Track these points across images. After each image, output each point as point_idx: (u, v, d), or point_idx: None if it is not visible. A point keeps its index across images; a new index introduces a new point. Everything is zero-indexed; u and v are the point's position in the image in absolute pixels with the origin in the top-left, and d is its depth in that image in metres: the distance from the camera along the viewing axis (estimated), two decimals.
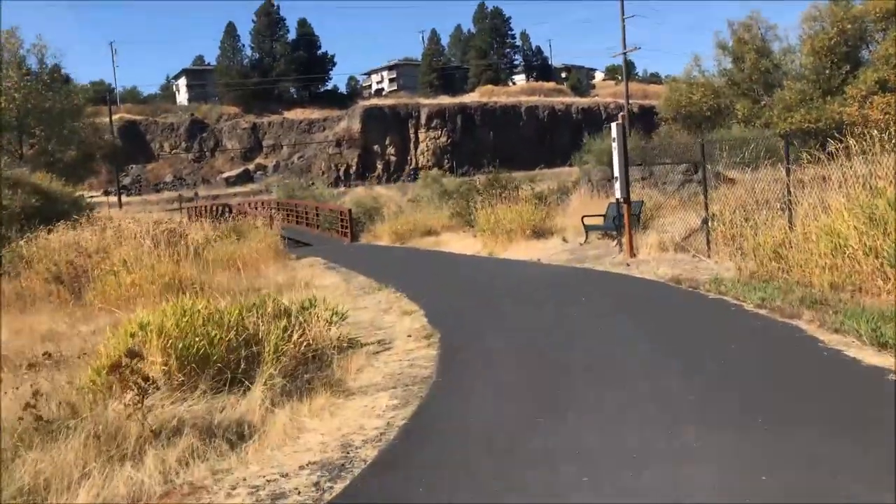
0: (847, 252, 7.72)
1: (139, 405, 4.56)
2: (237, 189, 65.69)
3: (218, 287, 13.59)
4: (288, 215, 35.09)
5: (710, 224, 11.09)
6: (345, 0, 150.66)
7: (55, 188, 26.04)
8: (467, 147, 68.95)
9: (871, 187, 8.27)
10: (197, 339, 5.61)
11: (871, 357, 5.73)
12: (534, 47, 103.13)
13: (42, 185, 25.28)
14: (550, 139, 68.16)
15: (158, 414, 4.82)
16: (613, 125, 12.33)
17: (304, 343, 6.59)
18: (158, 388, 4.90)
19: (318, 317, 7.42)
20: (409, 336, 7.99)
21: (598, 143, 32.55)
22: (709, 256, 11.14)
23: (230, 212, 33.53)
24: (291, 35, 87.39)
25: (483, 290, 11.11)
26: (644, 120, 52.42)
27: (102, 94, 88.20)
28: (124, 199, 67.44)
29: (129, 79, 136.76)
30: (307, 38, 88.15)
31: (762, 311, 7.56)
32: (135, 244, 14.48)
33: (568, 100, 77.66)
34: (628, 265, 11.95)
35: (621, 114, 12.27)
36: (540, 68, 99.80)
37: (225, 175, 71.09)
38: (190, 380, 5.41)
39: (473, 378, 6.07)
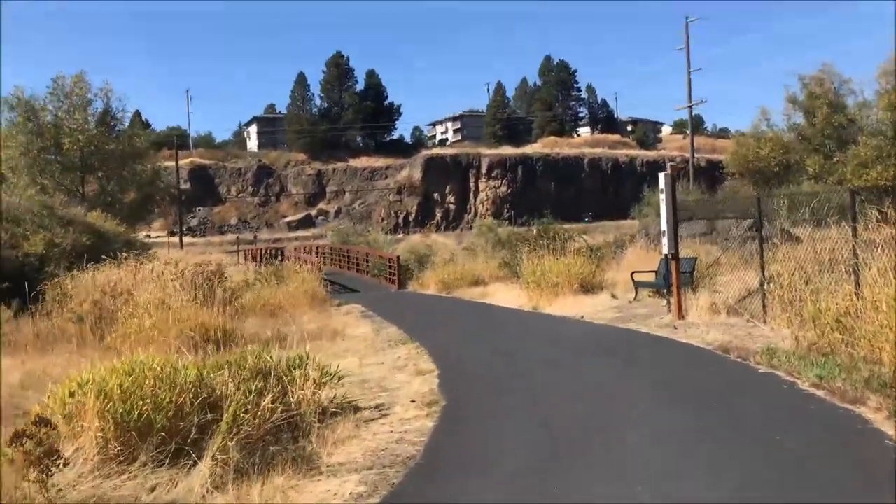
0: None
1: (44, 484, 3.85)
2: (298, 233, 66.40)
3: (242, 334, 13.08)
4: (340, 261, 34.85)
5: (766, 286, 9.95)
6: (412, 54, 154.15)
7: (108, 227, 26.24)
8: (528, 197, 68.27)
9: None
10: (142, 402, 4.90)
11: None
12: (599, 100, 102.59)
13: (95, 225, 25.50)
14: (614, 191, 66.93)
15: (74, 494, 4.09)
16: (661, 175, 11.38)
17: (281, 408, 5.81)
18: (67, 464, 4.17)
19: (306, 377, 6.64)
20: (413, 401, 7.13)
21: (658, 195, 31.31)
22: (764, 322, 9.97)
23: (281, 256, 33.48)
24: (360, 85, 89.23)
25: (512, 350, 10.18)
26: (710, 174, 50.87)
27: (172, 139, 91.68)
28: (190, 239, 68.98)
29: (206, 125, 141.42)
30: (375, 88, 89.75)
31: (819, 393, 6.42)
32: (160, 286, 14.05)
33: (633, 152, 76.52)
34: (675, 328, 10.85)
35: (670, 164, 11.29)
36: (605, 121, 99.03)
37: (287, 219, 72.07)
38: (128, 450, 4.68)
39: (464, 464, 5.14)
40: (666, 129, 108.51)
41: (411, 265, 29.73)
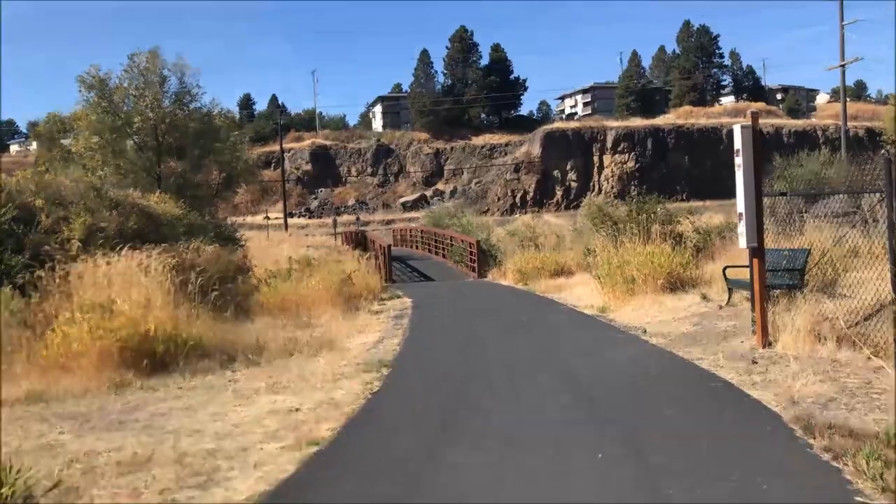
0: None
1: None
2: (412, 214, 64.37)
3: (209, 344, 10.52)
4: (429, 245, 32.17)
5: None
6: (537, 27, 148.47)
7: (165, 210, 24.50)
8: (658, 172, 62.70)
9: None
10: None
11: None
12: (745, 67, 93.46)
13: (148, 207, 23.80)
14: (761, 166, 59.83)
15: None
16: (737, 127, 7.48)
17: None
18: None
19: None
20: None
21: (794, 167, 26.08)
22: None
23: (364, 240, 31.23)
24: (484, 60, 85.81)
25: (473, 393, 6.88)
26: (870, 145, 43.83)
27: (298, 121, 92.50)
28: (306, 221, 68.97)
29: (340, 108, 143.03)
30: (500, 62, 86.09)
31: None
32: (131, 280, 11.66)
33: (778, 122, 68.50)
34: (753, 362, 7.07)
35: (750, 111, 7.34)
36: (751, 89, 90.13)
37: (402, 199, 70.34)
38: None
39: None
40: (823, 98, 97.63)
41: (495, 251, 26.46)
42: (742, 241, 7.63)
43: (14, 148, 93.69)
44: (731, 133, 8.22)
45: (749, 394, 5.94)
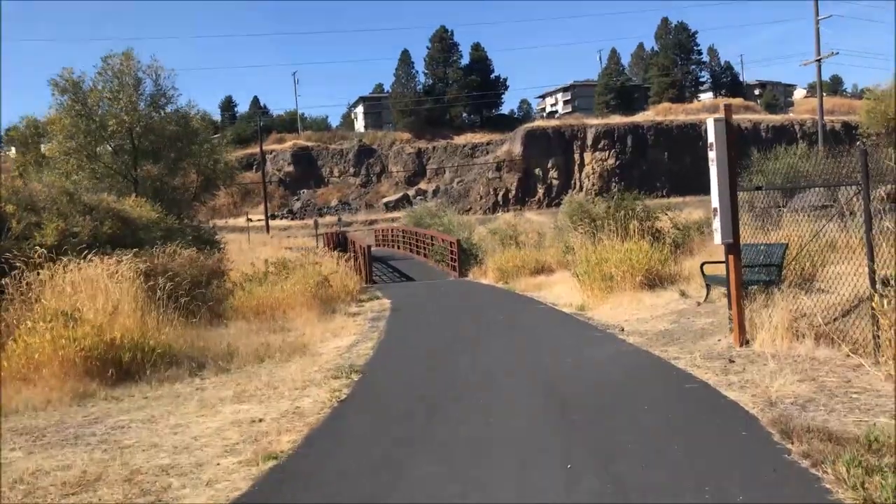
0: None
1: None
2: (394, 214, 64.07)
3: (178, 351, 10.24)
4: (410, 245, 31.92)
5: (876, 299, 5.85)
6: (520, 22, 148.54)
7: (140, 214, 24.05)
8: (638, 169, 62.78)
9: None
10: None
11: None
12: (723, 63, 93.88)
13: (123, 212, 23.35)
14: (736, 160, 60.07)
15: None
16: (710, 121, 7.29)
17: None
18: None
19: None
20: None
21: (770, 161, 26.05)
22: (876, 362, 5.89)
23: (344, 241, 30.93)
24: (465, 60, 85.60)
25: (441, 400, 6.66)
26: (846, 139, 44.08)
27: (280, 123, 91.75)
28: (289, 223, 68.45)
29: (322, 109, 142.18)
30: (481, 62, 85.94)
31: None
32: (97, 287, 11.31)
33: (756, 117, 68.85)
34: (731, 361, 6.90)
35: (722, 104, 7.19)
36: (729, 85, 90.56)
37: (385, 200, 70.02)
38: None
39: None
40: (800, 93, 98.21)
41: (476, 250, 26.25)
42: (717, 237, 7.46)
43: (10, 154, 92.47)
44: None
45: (726, 395, 5.76)
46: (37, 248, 15.34)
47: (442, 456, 4.92)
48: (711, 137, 7.25)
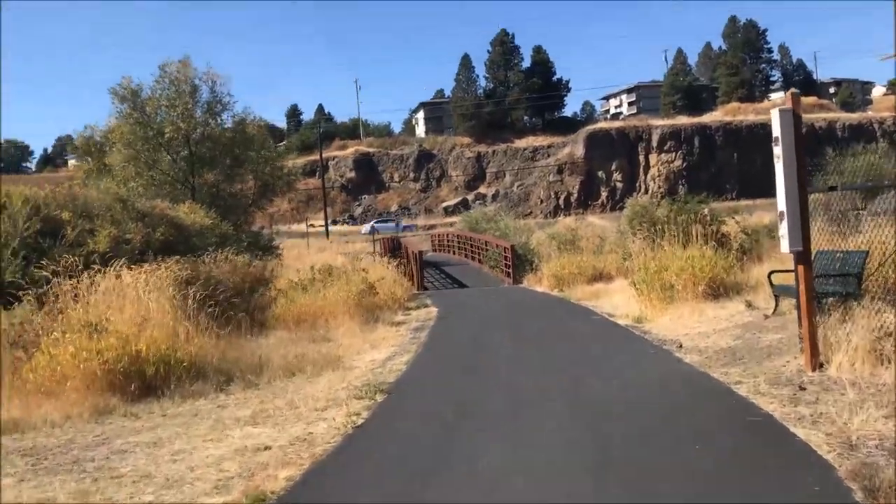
0: None
1: None
2: (453, 218, 63.58)
3: (208, 364, 9.83)
4: (466, 250, 31.27)
5: None
6: (582, 26, 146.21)
7: (195, 220, 24.04)
8: (706, 171, 60.64)
9: None
10: None
11: None
12: (794, 61, 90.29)
13: (176, 218, 23.36)
14: (808, 160, 57.39)
15: None
16: (775, 112, 6.37)
17: None
18: None
19: None
20: None
21: (848, 160, 24.40)
22: None
23: (399, 246, 30.49)
24: (526, 63, 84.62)
25: (466, 430, 5.96)
26: None
27: (343, 130, 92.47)
28: (349, 228, 68.70)
29: (385, 115, 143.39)
30: (542, 64, 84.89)
31: None
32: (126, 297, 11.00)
33: (831, 115, 65.75)
34: (801, 388, 5.98)
35: (790, 93, 6.18)
36: (802, 84, 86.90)
37: (444, 204, 69.59)
38: None
39: None
40: (879, 91, 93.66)
41: (531, 255, 25.39)
42: (784, 245, 6.53)
43: (72, 162, 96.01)
44: None
45: (794, 432, 4.87)
46: (90, 254, 15.22)
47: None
48: (777, 131, 6.34)
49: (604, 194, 63.54)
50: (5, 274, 13.88)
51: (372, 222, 59.73)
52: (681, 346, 9.18)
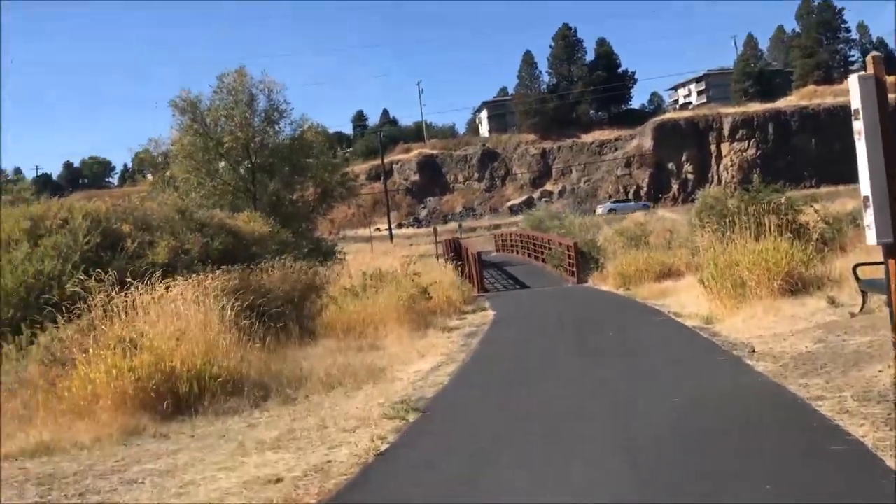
0: None
1: None
2: (518, 218, 62.62)
3: (247, 378, 9.43)
4: (528, 249, 30.44)
5: None
6: (646, 19, 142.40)
7: (252, 229, 23.89)
8: (782, 159, 57.90)
9: None
10: None
11: None
12: (874, 39, 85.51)
13: (235, 227, 23.24)
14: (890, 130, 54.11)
15: None
16: (853, 79, 5.40)
17: None
18: None
19: None
20: None
21: None
22: None
23: (459, 248, 29.89)
24: (589, 56, 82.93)
25: (499, 458, 5.24)
26: None
27: (408, 133, 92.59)
28: (414, 230, 68.56)
29: (449, 116, 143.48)
30: (606, 57, 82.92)
31: None
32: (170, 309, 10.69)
33: None
34: None
35: (871, 56, 5.27)
36: (884, 62, 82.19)
37: (509, 203, 68.68)
38: None
39: None
40: None
41: (597, 253, 24.41)
42: (871, 236, 5.58)
43: (150, 177, 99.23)
44: None
45: (892, 468, 3.99)
46: (150, 265, 15.05)
47: None
48: (857, 102, 5.42)
49: (675, 186, 61.46)
50: (66, 286, 13.85)
51: (607, 204, 56.76)
52: (753, 350, 8.24)
